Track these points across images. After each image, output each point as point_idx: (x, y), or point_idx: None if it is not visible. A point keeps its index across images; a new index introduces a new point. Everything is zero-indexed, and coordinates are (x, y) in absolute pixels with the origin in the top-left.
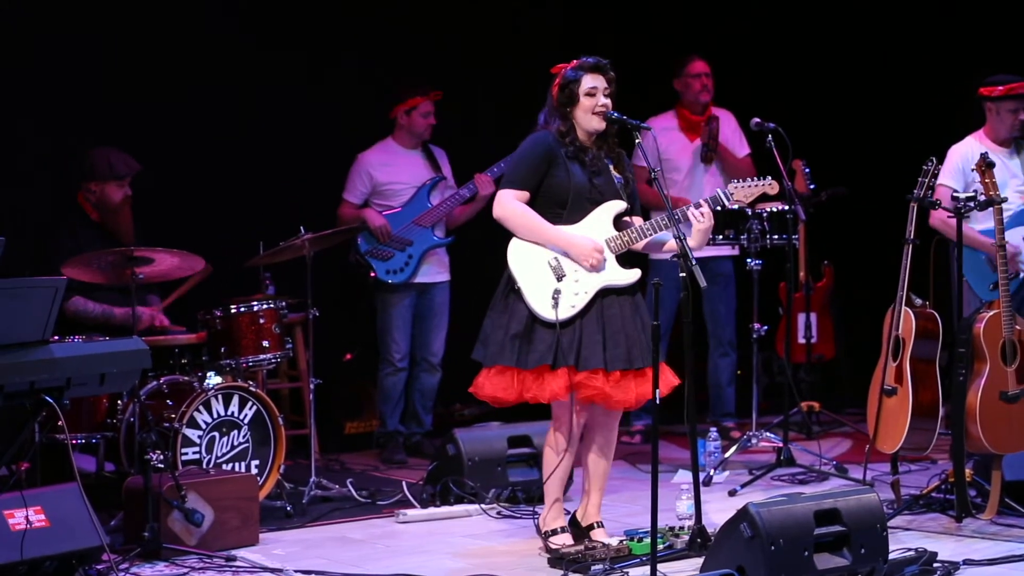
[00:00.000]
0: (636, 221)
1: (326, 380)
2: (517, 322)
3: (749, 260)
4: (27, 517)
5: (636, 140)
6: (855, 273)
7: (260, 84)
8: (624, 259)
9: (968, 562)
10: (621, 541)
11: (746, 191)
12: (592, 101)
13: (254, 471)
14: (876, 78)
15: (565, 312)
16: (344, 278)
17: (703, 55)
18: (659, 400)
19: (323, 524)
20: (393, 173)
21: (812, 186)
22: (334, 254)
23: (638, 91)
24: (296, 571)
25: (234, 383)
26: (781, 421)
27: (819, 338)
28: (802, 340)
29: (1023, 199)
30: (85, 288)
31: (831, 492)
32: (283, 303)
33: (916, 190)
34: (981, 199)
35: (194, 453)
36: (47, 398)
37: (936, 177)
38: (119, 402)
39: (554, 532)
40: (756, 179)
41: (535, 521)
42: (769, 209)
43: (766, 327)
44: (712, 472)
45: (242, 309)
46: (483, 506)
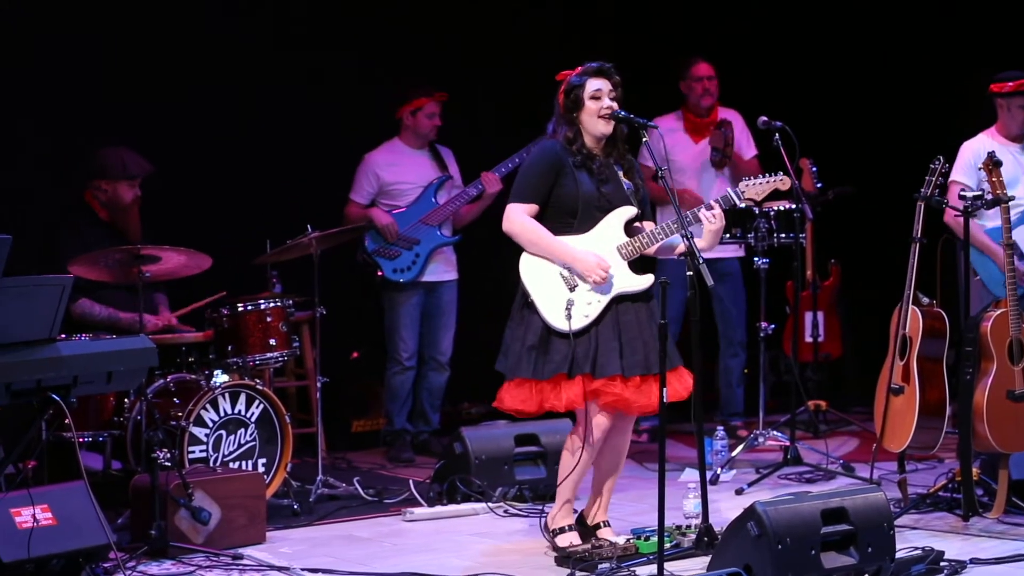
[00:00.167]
0: (648, 226)
1: (333, 378)
2: (533, 334)
3: (756, 259)
4: (34, 515)
5: (643, 139)
6: (862, 272)
7: (266, 83)
8: (636, 265)
9: (975, 561)
10: (628, 540)
11: (757, 188)
12: (597, 104)
13: (261, 469)
14: (883, 77)
15: (579, 322)
16: (351, 276)
17: (708, 54)
18: (671, 403)
19: (330, 522)
20: (399, 173)
21: (819, 185)
22: (341, 252)
23: (639, 92)
24: (303, 569)
25: (241, 381)
26: (788, 420)
27: (826, 337)
28: (809, 339)
29: None
30: (92, 286)
31: (838, 491)
32: (290, 301)
33: (923, 189)
34: (988, 198)
35: (201, 451)
36: (54, 396)
37: (944, 176)
38: (126, 400)
39: (561, 530)
40: (767, 175)
41: (543, 519)
42: (776, 208)
43: (773, 326)
44: (719, 471)
45: (249, 307)
46: (490, 504)
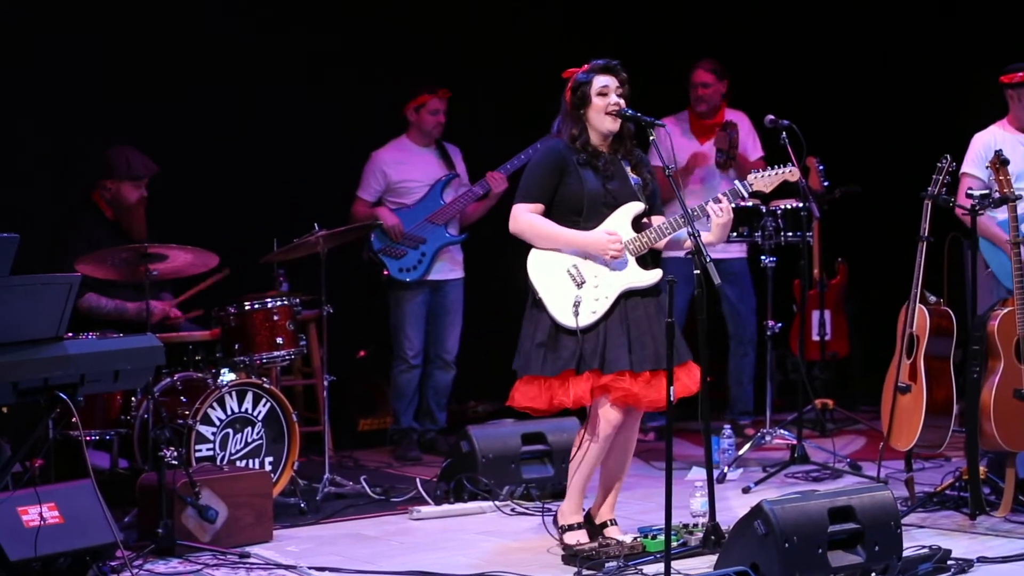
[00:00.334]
0: (656, 221)
1: (340, 377)
2: (542, 331)
3: (763, 257)
4: (41, 514)
5: (650, 137)
6: (869, 270)
7: (273, 82)
8: (644, 260)
9: (982, 559)
10: (635, 538)
11: (766, 180)
12: (604, 101)
13: (268, 468)
14: (890, 75)
15: (586, 319)
16: (358, 275)
17: (714, 53)
18: (681, 398)
19: (337, 521)
20: (406, 171)
21: (826, 183)
22: (348, 251)
23: (642, 91)
24: (310, 568)
25: (248, 380)
26: (795, 418)
27: (833, 335)
28: (816, 337)
29: None
30: (99, 285)
31: (845, 489)
32: (297, 300)
33: (930, 187)
34: (996, 196)
35: (208, 450)
36: (61, 395)
37: (951, 175)
38: (133, 399)
39: (570, 527)
40: (776, 167)
41: (550, 517)
42: (783, 206)
43: (780, 324)
44: (726, 469)
45: (256, 306)
46: (497, 503)
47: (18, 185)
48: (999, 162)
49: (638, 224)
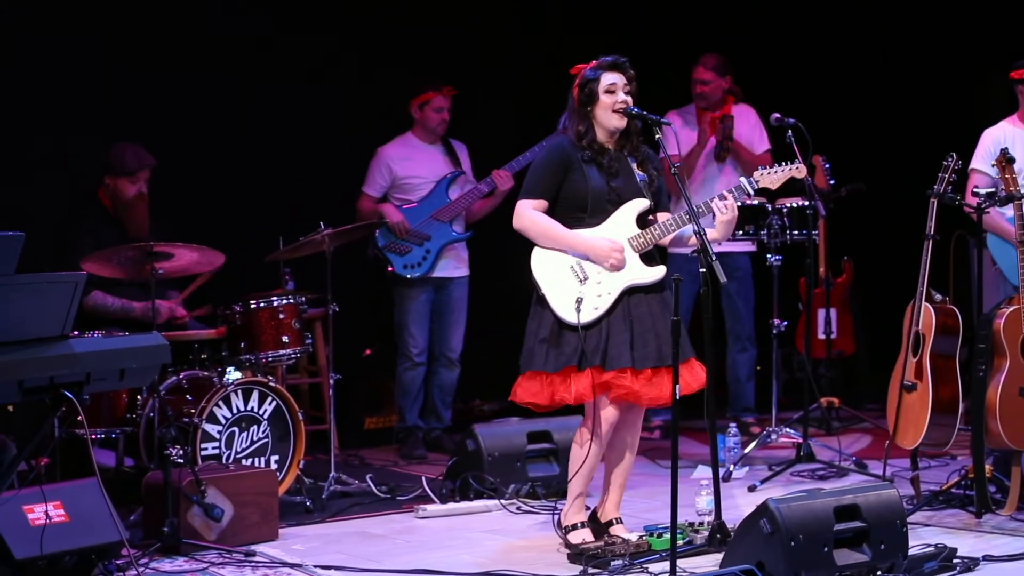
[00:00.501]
0: (662, 218)
1: (346, 375)
2: (545, 327)
3: (769, 256)
4: (47, 512)
5: (656, 136)
6: (875, 269)
7: (278, 80)
8: (649, 257)
9: (988, 558)
10: (640, 537)
11: (772, 177)
12: (612, 98)
13: (274, 466)
14: (896, 74)
15: (588, 315)
16: (364, 273)
17: (720, 51)
18: (683, 396)
19: (343, 519)
20: (412, 167)
21: (832, 182)
22: (354, 249)
23: (645, 85)
24: (316, 566)
25: (254, 378)
26: (801, 417)
27: (839, 334)
28: (822, 336)
29: None
30: (105, 283)
31: (851, 488)
32: (303, 298)
33: (936, 185)
34: (1002, 194)
35: (214, 448)
36: (67, 393)
37: (957, 173)
38: (139, 397)
39: (574, 527)
40: (782, 164)
41: (555, 516)
42: (789, 205)
43: (786, 323)
44: (732, 468)
45: (262, 304)
46: (503, 501)
47: (22, 184)
48: (1005, 160)
49: (643, 221)
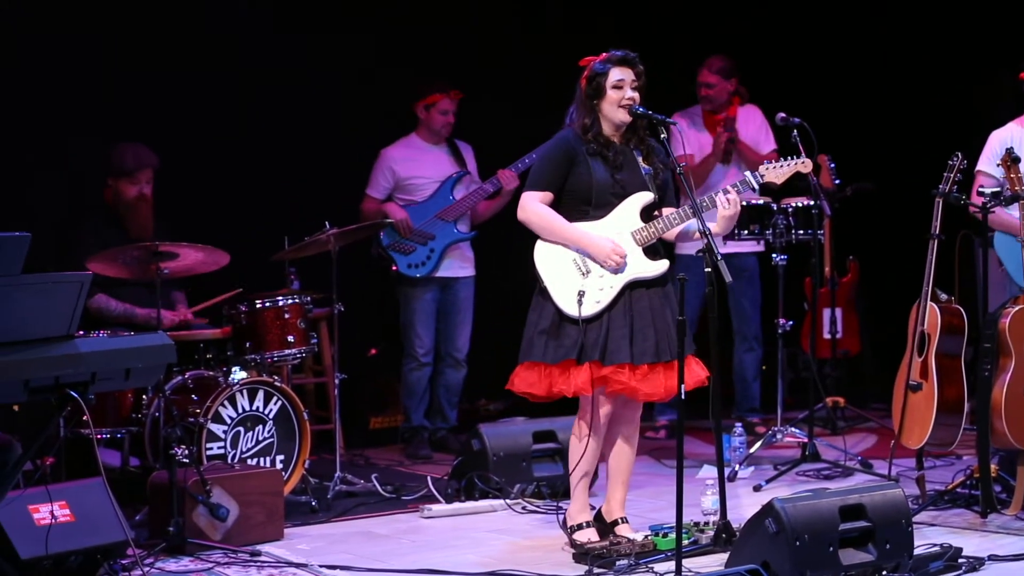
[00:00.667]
0: (667, 212)
1: (351, 375)
2: (546, 319)
3: (774, 255)
4: (52, 512)
5: (662, 135)
6: (880, 268)
7: (284, 80)
8: (653, 251)
9: (993, 558)
10: (646, 536)
11: (778, 171)
12: (619, 94)
13: (279, 466)
14: (901, 73)
15: (590, 309)
16: (369, 273)
17: (725, 50)
18: (685, 394)
19: (348, 519)
20: (416, 168)
21: (837, 181)
22: (359, 249)
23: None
24: (321, 566)
25: (259, 378)
26: (806, 416)
27: (844, 333)
28: (827, 335)
29: None
30: (110, 283)
31: (856, 487)
32: (308, 298)
33: (941, 185)
34: (1007, 195)
35: (219, 448)
36: (72, 393)
37: (962, 172)
38: (144, 397)
39: (579, 527)
40: (788, 159)
41: (560, 516)
42: (794, 204)
43: (791, 322)
44: (737, 467)
45: (267, 304)
46: (508, 501)
47: (22, 184)
48: (1010, 160)
49: (648, 214)
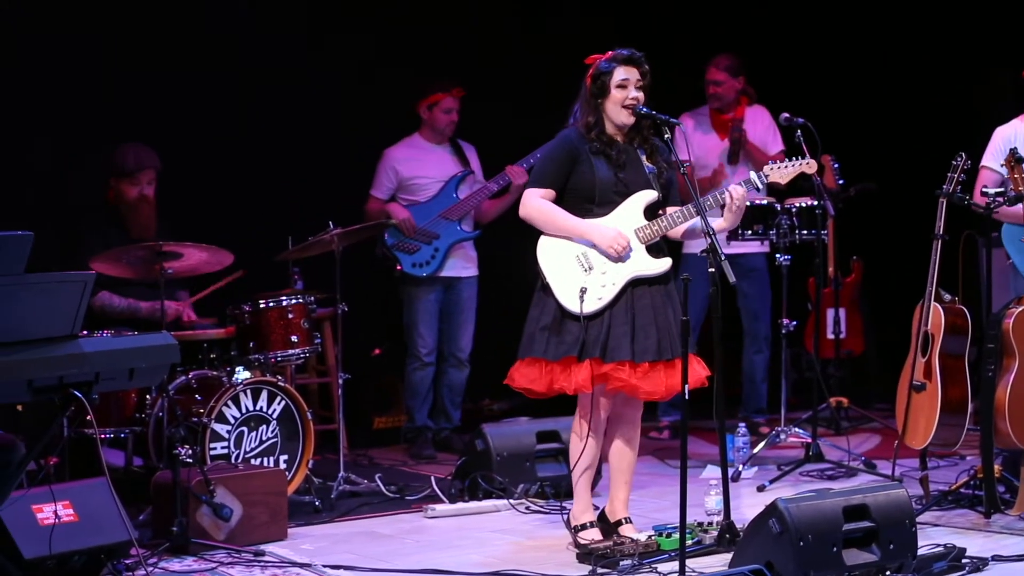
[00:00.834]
0: (671, 211)
1: (355, 375)
2: (547, 315)
3: (778, 255)
4: (56, 512)
5: (666, 135)
6: (884, 268)
7: (287, 80)
8: (655, 249)
9: (996, 558)
10: (650, 536)
11: (782, 171)
12: (623, 94)
13: (283, 466)
14: (905, 73)
15: (592, 306)
16: (373, 273)
17: (731, 49)
18: (689, 394)
19: (351, 519)
20: (419, 168)
21: (841, 181)
22: (363, 249)
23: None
24: (324, 566)
25: (263, 378)
26: (810, 416)
27: (848, 334)
28: (831, 336)
29: None
30: (114, 283)
31: (860, 488)
32: (312, 298)
33: (945, 185)
34: (1011, 194)
35: (222, 448)
36: (76, 393)
37: (966, 172)
38: (148, 397)
39: (583, 527)
40: (793, 159)
41: (564, 516)
42: (798, 204)
43: (795, 322)
44: (740, 468)
45: (271, 304)
46: (512, 501)
47: (23, 184)
48: (1014, 160)
49: (651, 212)
